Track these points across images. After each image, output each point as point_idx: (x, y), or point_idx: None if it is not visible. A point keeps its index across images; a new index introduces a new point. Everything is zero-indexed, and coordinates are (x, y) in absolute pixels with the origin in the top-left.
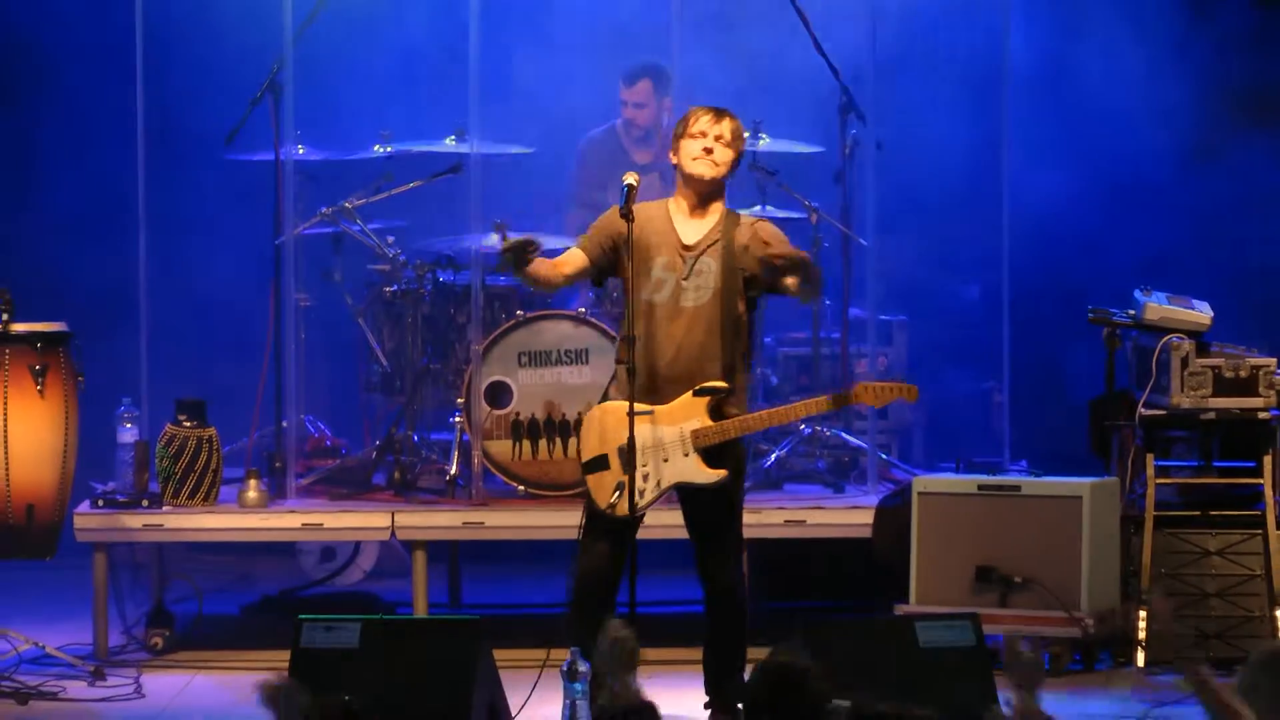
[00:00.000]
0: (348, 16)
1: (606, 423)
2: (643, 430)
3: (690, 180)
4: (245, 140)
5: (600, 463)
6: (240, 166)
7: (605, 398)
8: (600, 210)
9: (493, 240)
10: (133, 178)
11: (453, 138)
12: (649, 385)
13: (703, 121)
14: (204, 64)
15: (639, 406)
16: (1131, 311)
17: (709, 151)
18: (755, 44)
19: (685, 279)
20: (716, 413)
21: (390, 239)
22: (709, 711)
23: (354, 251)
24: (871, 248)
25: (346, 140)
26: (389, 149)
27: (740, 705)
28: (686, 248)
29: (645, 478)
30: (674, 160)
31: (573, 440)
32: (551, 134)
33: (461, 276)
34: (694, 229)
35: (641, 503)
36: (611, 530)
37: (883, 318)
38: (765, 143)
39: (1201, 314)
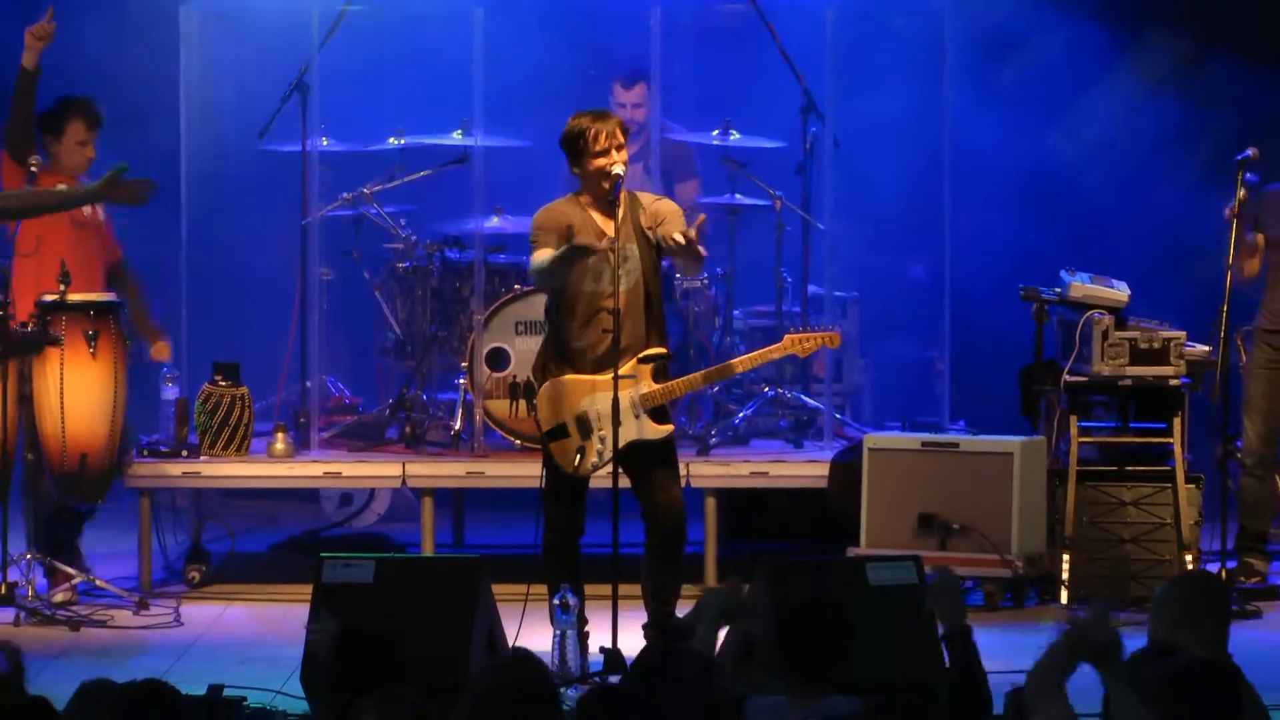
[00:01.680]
0: (366, 26)
1: (561, 395)
2: (596, 399)
3: (611, 183)
4: (276, 134)
5: (560, 431)
6: (271, 156)
7: (546, 372)
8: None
9: (494, 222)
10: (177, 166)
11: (459, 132)
12: (604, 358)
13: (604, 137)
14: (241, 68)
15: (588, 378)
16: (1058, 290)
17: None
18: (727, 51)
19: (611, 261)
20: (659, 376)
21: (403, 221)
22: (647, 633)
23: (371, 232)
24: (828, 232)
25: (365, 134)
26: (402, 142)
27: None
28: (608, 236)
29: (603, 439)
30: (586, 169)
31: None
32: (546, 129)
33: (466, 255)
34: (608, 220)
35: (600, 462)
36: (571, 488)
37: (837, 294)
38: (735, 138)
39: (1120, 292)
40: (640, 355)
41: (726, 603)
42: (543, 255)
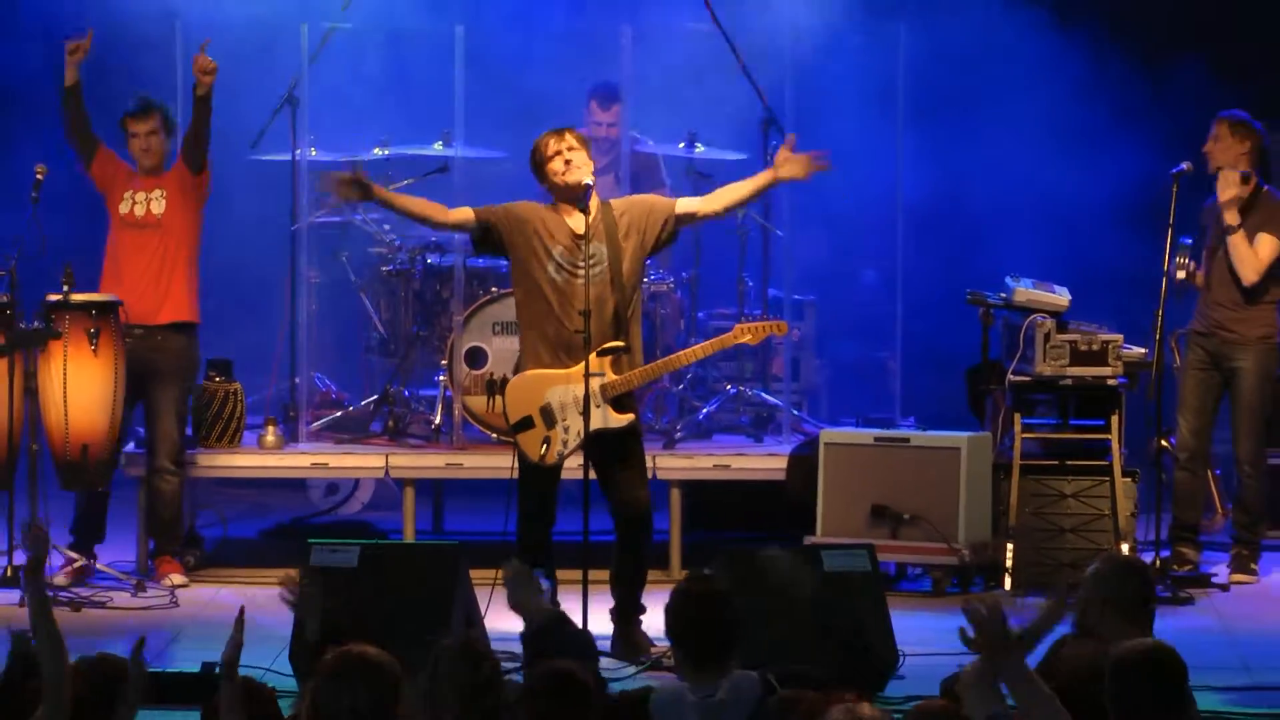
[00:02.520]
0: (352, 43)
1: (526, 389)
2: (559, 391)
3: (571, 186)
4: (268, 144)
5: (526, 423)
6: (263, 165)
7: (519, 368)
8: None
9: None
10: None
11: (440, 143)
12: (567, 351)
13: (554, 144)
14: (233, 81)
15: (550, 372)
16: (1003, 294)
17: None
18: (693, 68)
19: (580, 262)
20: (618, 368)
21: (387, 227)
22: (615, 616)
23: (357, 237)
24: (787, 239)
25: (351, 144)
26: (387, 151)
27: (641, 615)
28: (578, 237)
29: (566, 429)
30: (550, 182)
31: None
32: (522, 141)
33: (446, 259)
34: (579, 222)
35: (565, 451)
36: (541, 478)
37: (796, 297)
38: (700, 150)
39: (1061, 297)
40: (599, 348)
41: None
42: (458, 211)
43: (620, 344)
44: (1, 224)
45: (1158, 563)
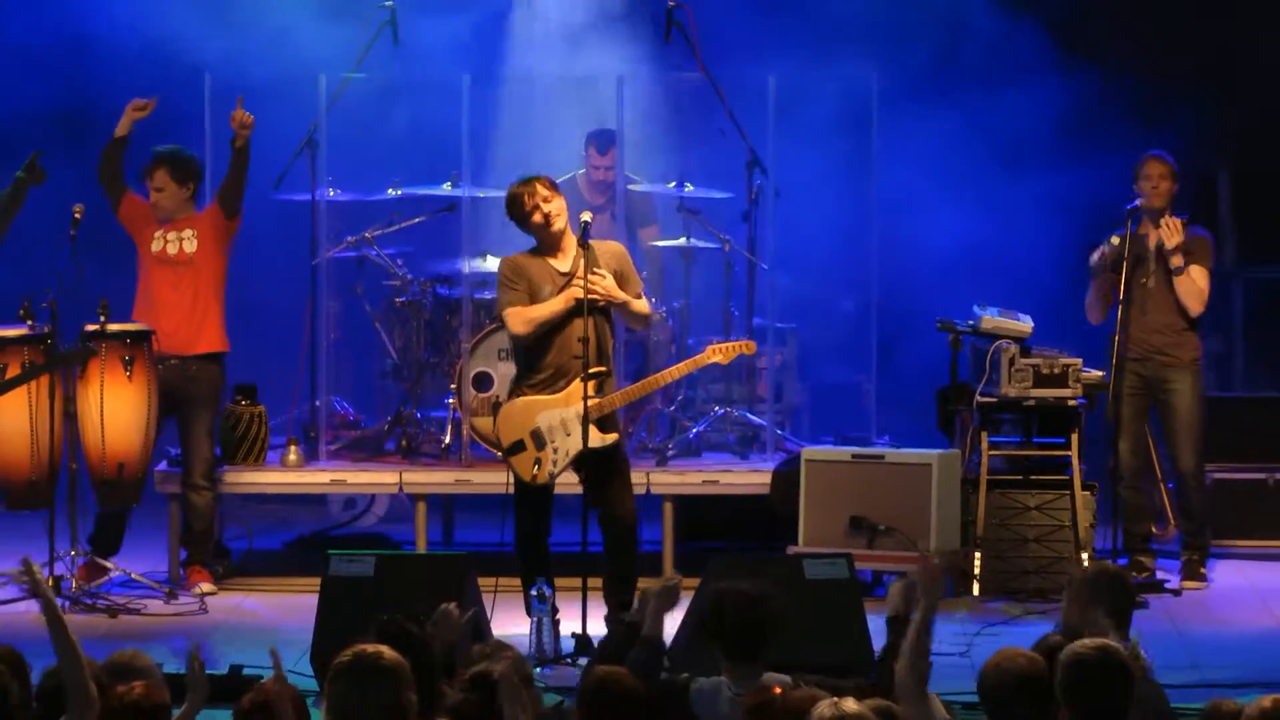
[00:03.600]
0: (367, 89)
1: (518, 415)
2: (548, 415)
3: (554, 234)
4: (289, 185)
5: (518, 446)
6: (285, 205)
7: (513, 394)
8: None
9: (480, 263)
10: None
11: (449, 184)
12: (557, 377)
13: (527, 199)
14: (258, 128)
15: (539, 398)
16: (971, 322)
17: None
18: (683, 113)
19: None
20: (600, 391)
21: (400, 261)
22: (607, 622)
23: (372, 271)
24: (770, 271)
25: (366, 185)
26: (399, 191)
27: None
28: (563, 275)
29: (555, 450)
30: (530, 228)
31: None
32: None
33: (455, 291)
34: (563, 261)
35: (556, 470)
36: (536, 495)
37: (779, 325)
38: (690, 189)
39: (1024, 324)
40: (583, 374)
41: (664, 597)
42: (529, 311)
43: (603, 369)
44: (39, 258)
45: None
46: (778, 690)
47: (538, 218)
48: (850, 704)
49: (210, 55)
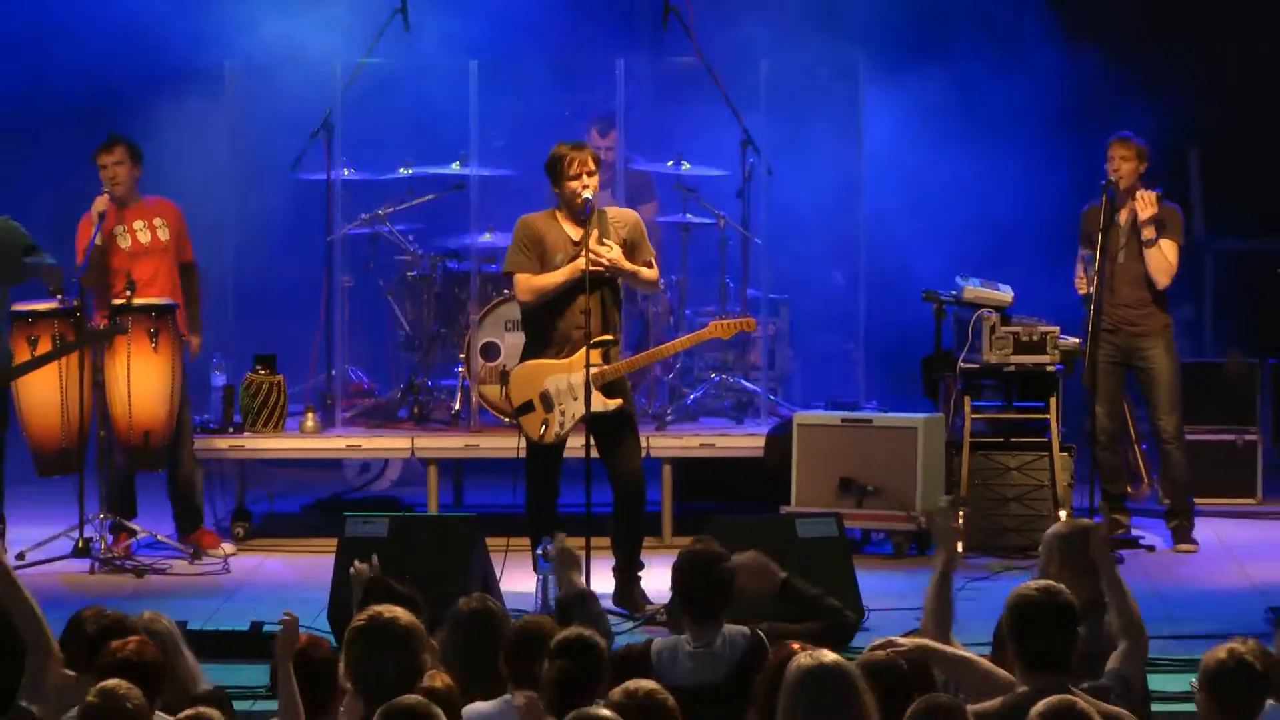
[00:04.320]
0: (380, 76)
1: (528, 377)
2: (557, 380)
3: (579, 206)
4: (306, 165)
5: (527, 407)
6: (302, 184)
7: (524, 358)
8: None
9: (487, 238)
10: (223, 193)
11: (457, 163)
12: (565, 344)
13: (576, 165)
14: (275, 111)
15: (549, 362)
16: (954, 292)
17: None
18: (679, 95)
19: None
20: (607, 358)
21: (411, 237)
22: (617, 574)
23: (385, 247)
24: (763, 245)
25: (379, 165)
26: (410, 171)
27: (640, 572)
28: (575, 244)
29: (562, 412)
30: (562, 190)
31: None
32: (529, 161)
33: (464, 265)
34: (576, 230)
35: (562, 432)
36: (546, 456)
37: (771, 296)
38: (686, 168)
39: (1005, 294)
40: (591, 341)
41: (559, 559)
42: (535, 281)
43: (609, 338)
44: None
45: None
46: (796, 645)
47: (574, 185)
48: (827, 654)
49: (233, 44)
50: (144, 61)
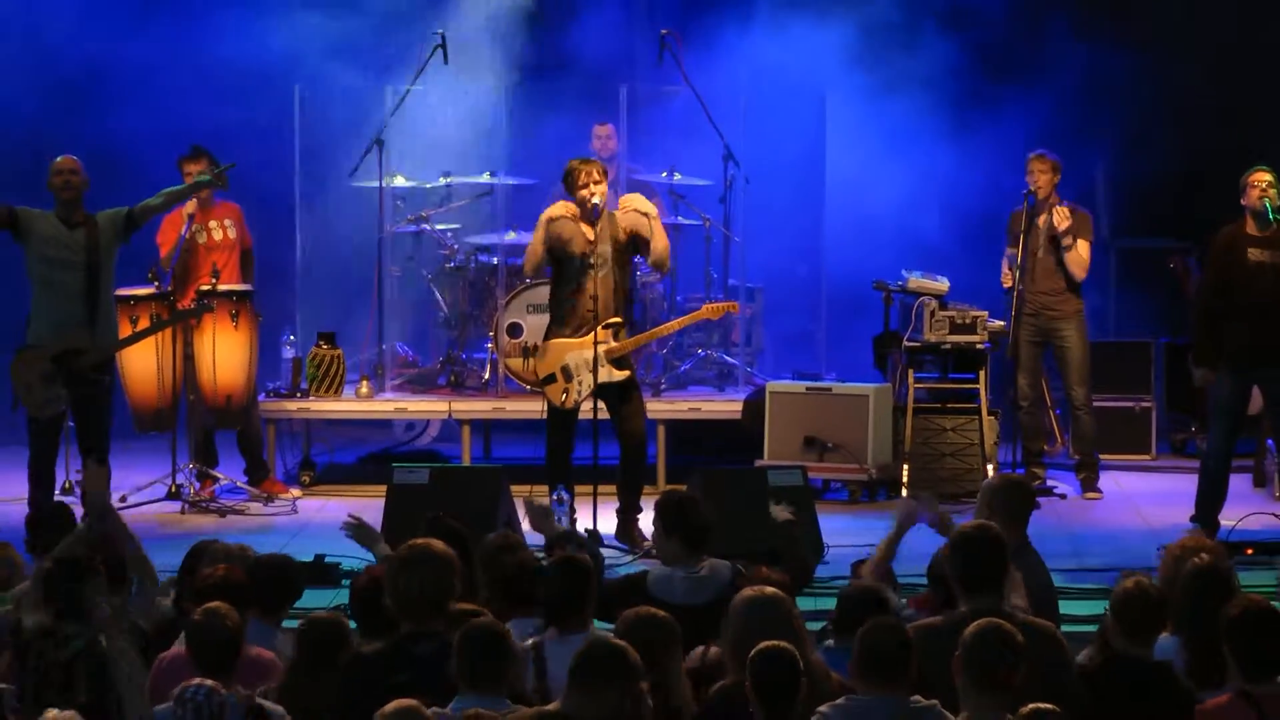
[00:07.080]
0: (424, 98)
1: (551, 354)
2: (574, 355)
3: (590, 210)
4: (362, 174)
5: (551, 378)
6: (358, 190)
7: (548, 337)
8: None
9: (512, 236)
10: (292, 199)
11: (488, 174)
12: (583, 325)
13: (584, 176)
14: (336, 129)
15: (570, 340)
16: (900, 282)
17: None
18: (672, 116)
19: (593, 259)
20: (616, 337)
21: (449, 235)
22: (619, 515)
23: (428, 243)
24: (742, 242)
25: (423, 174)
26: (449, 180)
27: (638, 514)
28: (590, 241)
29: (580, 383)
30: (576, 198)
31: None
32: (551, 171)
33: (492, 258)
34: (592, 231)
35: (580, 399)
36: (563, 418)
37: (748, 284)
38: (678, 178)
39: (942, 284)
40: (604, 322)
41: (532, 513)
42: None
43: (619, 320)
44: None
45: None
46: (764, 570)
47: (584, 193)
48: (769, 588)
49: (300, 72)
50: (234, 93)
